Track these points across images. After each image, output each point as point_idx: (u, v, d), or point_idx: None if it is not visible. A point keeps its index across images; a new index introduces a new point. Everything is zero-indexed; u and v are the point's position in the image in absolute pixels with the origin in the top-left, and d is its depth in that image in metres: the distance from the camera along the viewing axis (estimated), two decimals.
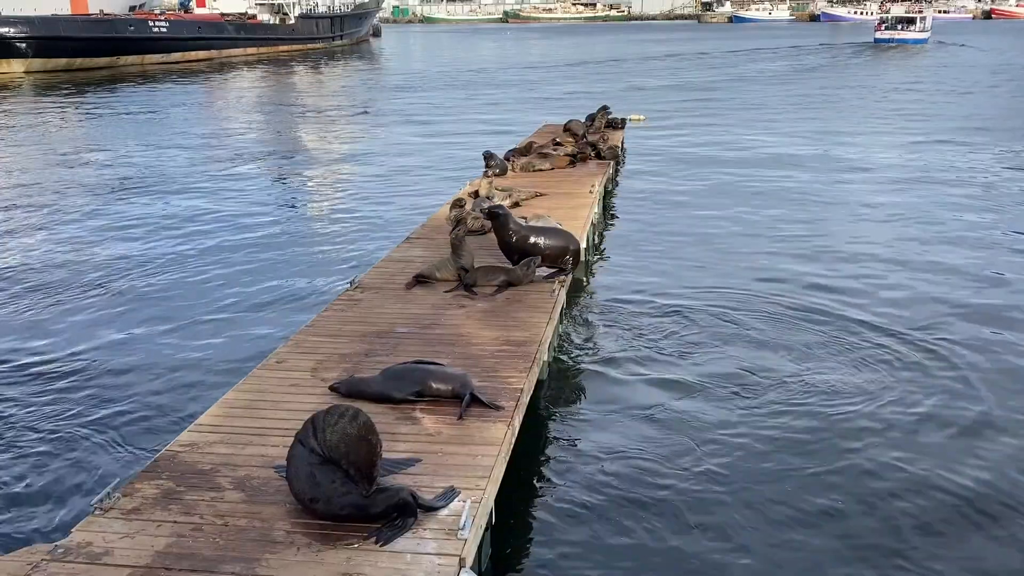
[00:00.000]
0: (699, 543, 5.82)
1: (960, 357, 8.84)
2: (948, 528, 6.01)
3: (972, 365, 8.65)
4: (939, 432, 7.35)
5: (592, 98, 32.55)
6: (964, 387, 8.17)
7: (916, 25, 78.37)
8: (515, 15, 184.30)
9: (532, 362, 6.87)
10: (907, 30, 77.81)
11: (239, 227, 14.82)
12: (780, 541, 5.84)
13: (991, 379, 8.32)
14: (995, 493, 6.41)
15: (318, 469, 4.56)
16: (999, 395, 7.98)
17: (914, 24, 78.63)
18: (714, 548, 5.78)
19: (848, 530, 5.96)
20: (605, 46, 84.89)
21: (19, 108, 35.63)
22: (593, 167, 15.81)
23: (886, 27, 79.08)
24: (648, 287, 11.09)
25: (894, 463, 6.79)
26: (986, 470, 6.72)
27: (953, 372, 8.49)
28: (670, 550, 5.77)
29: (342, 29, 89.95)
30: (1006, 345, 9.16)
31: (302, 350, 7.20)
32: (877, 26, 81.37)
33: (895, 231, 14.08)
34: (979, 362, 8.72)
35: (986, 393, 8.02)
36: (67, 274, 12.09)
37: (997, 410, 7.70)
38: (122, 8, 75.12)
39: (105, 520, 4.71)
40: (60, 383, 8.43)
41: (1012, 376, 8.42)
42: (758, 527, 5.99)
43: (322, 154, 23.83)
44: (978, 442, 7.17)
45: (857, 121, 28.69)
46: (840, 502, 6.27)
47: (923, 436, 7.26)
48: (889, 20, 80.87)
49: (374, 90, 43.62)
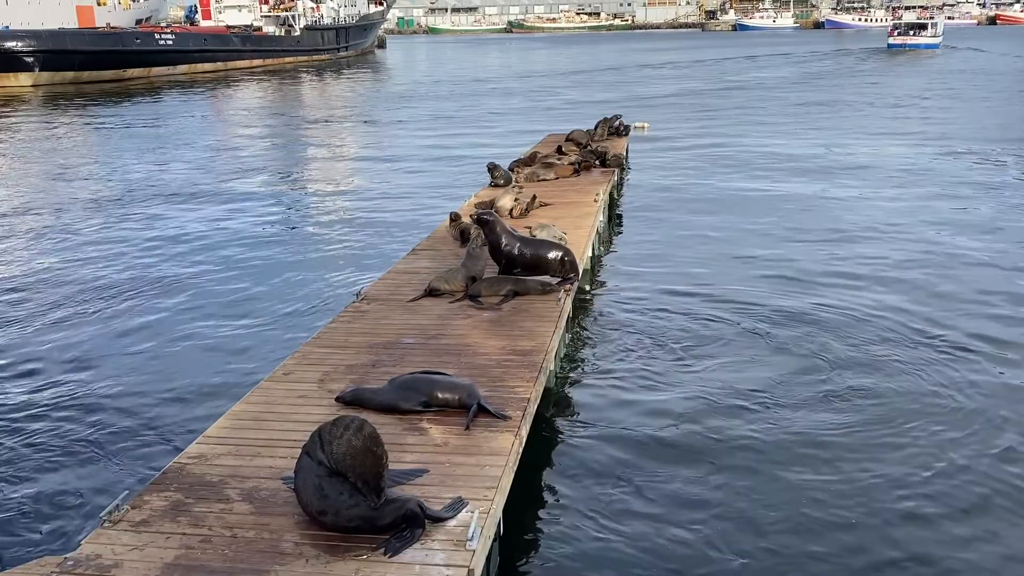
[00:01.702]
0: (711, 554, 5.81)
1: (982, 361, 8.84)
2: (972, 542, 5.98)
3: (994, 368, 8.66)
4: (958, 442, 7.29)
5: (596, 107, 32.63)
6: (984, 392, 8.14)
7: (928, 31, 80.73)
8: (519, 25, 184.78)
9: (539, 371, 6.88)
10: (919, 35, 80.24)
11: (245, 239, 14.88)
12: (797, 556, 5.79)
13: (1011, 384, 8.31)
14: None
15: (325, 481, 4.57)
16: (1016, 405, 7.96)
17: (926, 30, 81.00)
18: (726, 559, 5.76)
19: (873, 547, 5.93)
20: (609, 55, 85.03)
21: (27, 121, 35.84)
22: (597, 175, 15.83)
23: (899, 33, 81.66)
24: (655, 295, 11.09)
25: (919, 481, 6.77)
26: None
27: (974, 377, 8.48)
28: (681, 559, 5.75)
29: (347, 40, 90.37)
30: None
31: (309, 362, 7.22)
32: (890, 32, 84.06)
33: (917, 243, 13.68)
34: (1000, 366, 8.71)
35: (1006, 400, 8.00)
36: (75, 287, 12.15)
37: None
38: (129, 21, 75.73)
39: (114, 532, 4.72)
40: (70, 396, 8.46)
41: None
42: (772, 540, 5.95)
43: (327, 165, 23.93)
44: (1007, 452, 7.11)
45: (875, 127, 28.60)
46: (857, 520, 6.23)
47: (943, 447, 7.22)
48: (902, 26, 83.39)
49: (379, 101, 43.78)
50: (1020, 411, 7.78)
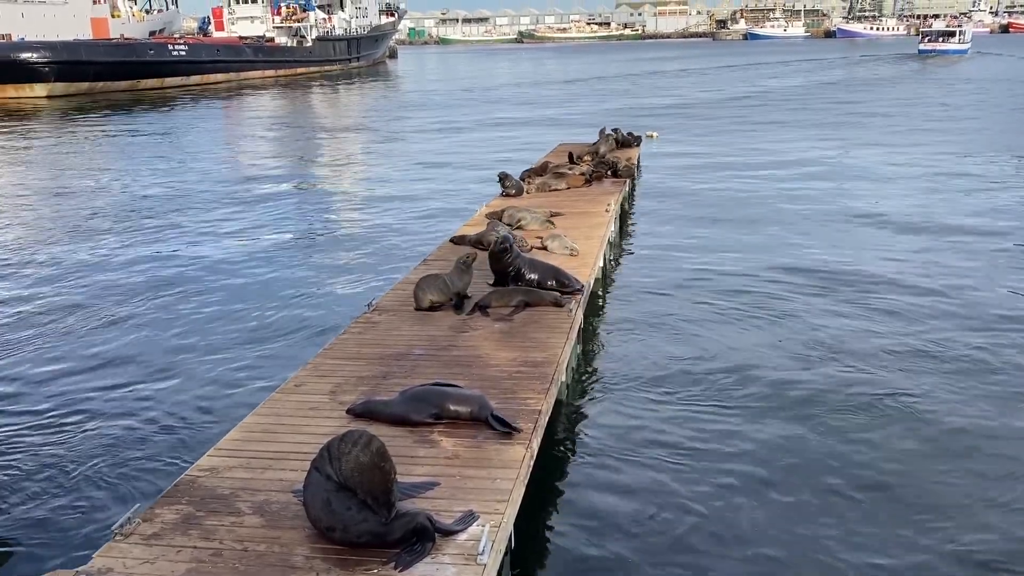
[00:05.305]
0: (723, 566, 5.76)
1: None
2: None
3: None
4: (982, 447, 7.23)
5: (607, 116, 32.63)
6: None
7: (956, 38, 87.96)
8: (530, 35, 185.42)
9: (550, 383, 6.85)
10: (948, 42, 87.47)
11: (256, 250, 14.92)
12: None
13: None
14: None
15: (334, 496, 4.55)
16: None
17: (954, 37, 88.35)
18: (739, 571, 5.72)
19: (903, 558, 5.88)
20: (620, 65, 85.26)
21: (41, 131, 36.13)
22: (609, 185, 15.81)
23: (929, 40, 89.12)
24: (666, 306, 11.05)
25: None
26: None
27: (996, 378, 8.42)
28: (694, 573, 5.71)
29: (359, 51, 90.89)
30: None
31: (320, 373, 7.21)
32: (921, 39, 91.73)
33: (948, 253, 13.45)
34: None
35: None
36: (85, 297, 12.20)
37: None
38: (142, 33, 76.35)
39: (126, 546, 4.72)
40: (80, 408, 8.48)
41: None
42: (786, 555, 5.91)
43: (338, 176, 24.00)
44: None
45: (901, 134, 28.64)
46: (881, 536, 6.18)
47: (968, 452, 7.16)
48: (932, 33, 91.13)
49: (389, 111, 43.94)
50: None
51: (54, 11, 67.93)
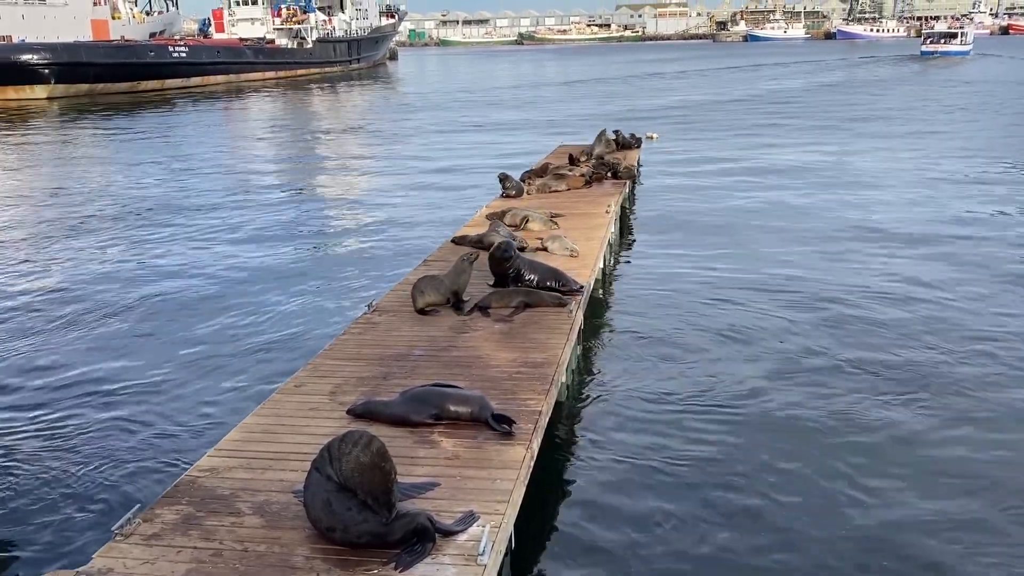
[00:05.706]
0: (723, 566, 5.76)
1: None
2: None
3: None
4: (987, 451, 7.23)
5: (608, 117, 32.67)
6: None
7: (958, 39, 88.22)
8: (530, 37, 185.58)
9: (550, 384, 6.85)
10: (950, 43, 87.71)
11: (256, 252, 14.93)
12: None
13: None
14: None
15: (334, 497, 4.55)
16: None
17: (956, 38, 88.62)
18: (739, 572, 5.71)
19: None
20: (620, 66, 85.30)
21: (41, 133, 36.15)
22: (609, 187, 15.81)
23: (931, 41, 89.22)
24: (667, 307, 11.05)
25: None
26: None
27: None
28: (694, 573, 5.71)
29: (359, 53, 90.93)
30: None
31: (320, 374, 7.21)
32: (923, 40, 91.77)
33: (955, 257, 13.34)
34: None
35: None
36: (86, 299, 12.20)
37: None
38: (143, 35, 76.45)
39: (126, 546, 4.72)
40: (80, 409, 8.48)
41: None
42: (786, 555, 5.91)
43: (338, 177, 24.02)
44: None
45: (901, 135, 28.66)
46: (885, 545, 6.18)
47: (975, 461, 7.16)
48: (935, 35, 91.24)
49: (389, 112, 43.97)
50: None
51: (54, 13, 68.00)
